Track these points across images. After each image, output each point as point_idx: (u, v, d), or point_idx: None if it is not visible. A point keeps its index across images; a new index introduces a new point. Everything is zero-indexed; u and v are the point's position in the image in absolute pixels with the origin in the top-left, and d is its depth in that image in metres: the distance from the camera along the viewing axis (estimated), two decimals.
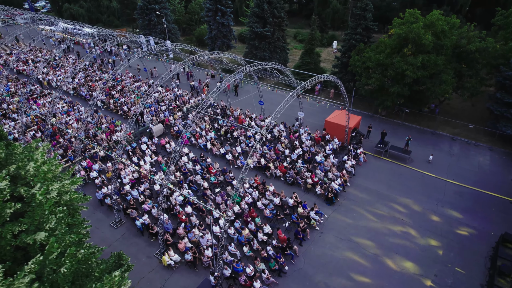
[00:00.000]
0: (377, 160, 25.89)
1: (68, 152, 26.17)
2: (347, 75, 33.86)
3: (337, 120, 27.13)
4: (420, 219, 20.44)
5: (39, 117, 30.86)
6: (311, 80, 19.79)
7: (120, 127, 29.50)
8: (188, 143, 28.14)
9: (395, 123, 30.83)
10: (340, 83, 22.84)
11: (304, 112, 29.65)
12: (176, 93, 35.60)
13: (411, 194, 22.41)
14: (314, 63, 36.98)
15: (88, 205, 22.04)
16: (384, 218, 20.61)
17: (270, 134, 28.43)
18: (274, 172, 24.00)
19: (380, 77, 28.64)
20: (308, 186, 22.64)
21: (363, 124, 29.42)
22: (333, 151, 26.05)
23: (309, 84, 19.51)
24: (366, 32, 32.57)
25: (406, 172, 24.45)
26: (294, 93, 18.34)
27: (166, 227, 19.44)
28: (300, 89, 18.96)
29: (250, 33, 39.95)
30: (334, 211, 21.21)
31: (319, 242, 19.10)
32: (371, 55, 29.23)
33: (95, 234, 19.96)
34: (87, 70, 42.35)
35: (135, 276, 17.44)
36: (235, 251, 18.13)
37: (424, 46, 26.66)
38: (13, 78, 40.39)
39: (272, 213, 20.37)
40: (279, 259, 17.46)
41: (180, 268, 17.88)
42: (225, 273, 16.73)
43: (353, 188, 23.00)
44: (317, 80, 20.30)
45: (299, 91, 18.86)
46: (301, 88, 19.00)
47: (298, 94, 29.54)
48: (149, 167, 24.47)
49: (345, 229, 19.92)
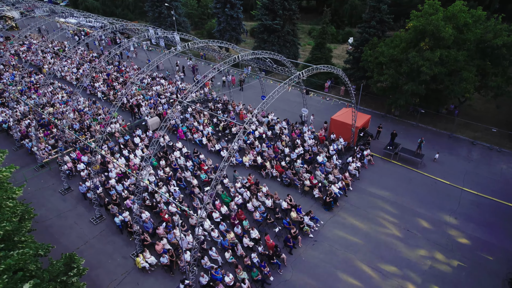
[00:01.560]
0: (385, 163, 23.61)
1: (59, 142, 25.20)
2: (358, 71, 31.56)
3: (343, 118, 24.99)
4: (429, 231, 18.14)
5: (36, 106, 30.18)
6: (307, 70, 17.84)
7: (116, 119, 28.40)
8: (184, 137, 26.69)
9: (409, 124, 28.33)
10: (344, 76, 20.80)
11: (309, 109, 27.66)
12: (179, 86, 34.30)
13: (421, 202, 20.09)
14: (325, 58, 34.81)
15: (70, 199, 21.00)
16: (388, 228, 18.42)
17: (271, 131, 26.62)
18: (270, 172, 22.17)
19: (393, 74, 26.27)
20: (306, 189, 20.69)
21: (372, 124, 27.11)
22: (337, 151, 23.97)
23: (305, 74, 17.56)
24: (381, 26, 30.15)
25: (416, 178, 22.09)
26: (285, 82, 16.46)
27: (145, 226, 18.00)
28: (294, 79, 17.06)
29: (259, 26, 38.18)
30: (332, 217, 19.18)
31: (312, 252, 17.14)
32: (384, 50, 26.91)
33: (73, 230, 18.77)
34: (93, 61, 41.74)
35: (106, 278, 16.09)
36: (216, 257, 16.45)
37: (443, 40, 24.14)
38: (20, 67, 40.20)
39: (263, 216, 18.57)
40: (264, 268, 15.64)
41: (155, 271, 16.37)
42: (201, 281, 15.08)
43: (356, 193, 20.88)
44: (314, 70, 18.32)
45: (292, 81, 16.97)
46: (295, 78, 17.09)
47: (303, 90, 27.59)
48: (139, 161, 23.13)
49: (343, 238, 17.87)
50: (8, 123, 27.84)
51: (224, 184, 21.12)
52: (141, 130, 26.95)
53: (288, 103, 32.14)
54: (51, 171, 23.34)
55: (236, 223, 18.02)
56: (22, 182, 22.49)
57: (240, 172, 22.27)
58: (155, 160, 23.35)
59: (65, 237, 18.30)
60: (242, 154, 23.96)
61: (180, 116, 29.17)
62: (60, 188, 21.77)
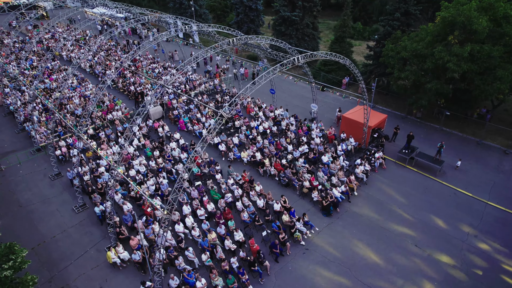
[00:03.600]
0: (399, 168, 21.12)
1: (58, 127, 24.75)
2: (379, 67, 28.97)
3: (355, 116, 22.72)
4: (442, 249, 15.65)
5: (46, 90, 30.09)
6: (305, 56, 15.87)
7: (119, 107, 27.65)
8: (184, 128, 25.44)
9: (431, 127, 25.47)
10: (354, 68, 18.62)
11: (323, 106, 25.57)
12: (189, 76, 33.16)
13: (436, 215, 17.55)
14: (346, 53, 32.36)
15: (58, 185, 20.26)
16: (393, 241, 16.11)
17: (276, 127, 24.78)
18: (268, 170, 20.36)
19: (416, 70, 23.64)
20: (305, 190, 18.72)
21: (389, 125, 24.56)
22: (345, 152, 21.77)
23: (301, 60, 15.59)
24: (406, 18, 27.41)
25: (433, 187, 19.49)
26: (276, 67, 14.66)
27: (124, 219, 16.80)
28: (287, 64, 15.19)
29: (277, 18, 36.34)
30: (329, 224, 17.11)
31: (301, 261, 15.20)
32: (407, 44, 24.27)
33: (54, 217, 17.92)
34: (110, 50, 41.61)
35: (75, 271, 15.01)
36: (193, 258, 14.92)
37: (475, 34, 21.28)
38: (40, 53, 40.79)
39: (251, 217, 16.83)
40: (242, 275, 13.91)
41: (127, 268, 15.10)
42: (170, 284, 13.59)
43: (361, 199, 18.65)
44: (313, 56, 16.31)
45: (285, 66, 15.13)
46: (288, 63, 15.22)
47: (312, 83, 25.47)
48: (132, 150, 22.08)
49: (338, 249, 15.77)
50: (15, 106, 27.80)
51: (216, 179, 19.56)
52: (141, 118, 25.89)
53: (301, 99, 30.13)
54: (46, 156, 22.79)
55: (221, 222, 16.40)
56: (16, 164, 22.12)
57: (237, 168, 20.65)
58: (150, 150, 22.22)
59: (43, 224, 17.47)
60: (242, 149, 22.29)
61: (184, 107, 27.96)
62: (50, 173, 21.11)
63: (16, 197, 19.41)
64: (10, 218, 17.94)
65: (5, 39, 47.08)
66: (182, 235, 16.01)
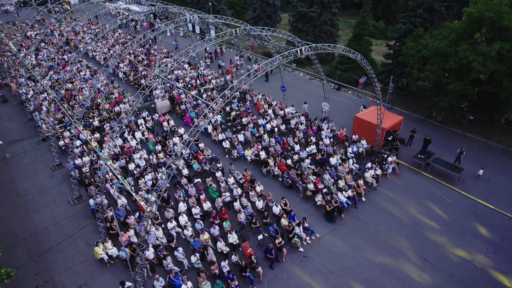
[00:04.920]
0: (413, 174, 19.59)
1: (65, 118, 24.63)
2: (398, 67, 27.30)
3: (368, 117, 21.33)
4: (453, 265, 14.17)
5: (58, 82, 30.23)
6: (308, 48, 14.74)
7: (127, 100, 27.33)
8: (190, 124, 24.78)
9: (452, 132, 23.66)
10: (366, 64, 17.34)
11: (338, 106, 24.30)
12: (201, 71, 32.54)
13: (450, 227, 16.01)
14: (364, 51, 30.82)
15: (58, 176, 20.01)
16: (400, 254, 14.75)
17: (285, 126, 23.70)
18: (272, 170, 19.33)
19: (437, 70, 21.95)
20: (308, 194, 17.58)
21: (406, 127, 22.98)
22: (356, 155, 20.44)
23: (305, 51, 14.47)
24: (429, 15, 25.64)
25: (450, 196, 17.89)
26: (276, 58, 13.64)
27: (117, 214, 16.20)
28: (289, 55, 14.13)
29: (294, 14, 35.18)
30: (332, 231, 15.91)
31: (298, 270, 14.10)
32: (428, 42, 22.61)
33: (49, 208, 17.60)
34: (126, 43, 41.66)
35: (62, 265, 14.53)
36: (182, 259, 14.11)
37: (505, 31, 19.53)
38: (59, 45, 41.32)
39: (248, 219, 15.86)
40: (231, 281, 12.98)
41: (115, 265, 14.47)
42: (155, 286, 12.83)
43: (369, 206, 17.31)
44: (318, 49, 15.14)
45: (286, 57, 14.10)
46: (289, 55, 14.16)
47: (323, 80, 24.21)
48: (135, 144, 21.57)
49: (339, 258, 14.57)
50: (27, 95, 28.02)
51: (216, 177, 18.72)
52: (148, 112, 25.47)
53: (314, 97, 28.86)
54: (50, 146, 22.66)
55: (216, 223, 15.53)
56: (21, 153, 22.09)
57: (240, 167, 19.73)
58: (152, 144, 21.66)
59: (38, 215, 17.16)
60: (247, 147, 21.36)
61: (193, 102, 27.33)
62: (52, 164, 20.91)
63: (16, 185, 19.27)
64: (7, 207, 17.76)
65: (29, 31, 48.14)
66: (174, 234, 15.26)
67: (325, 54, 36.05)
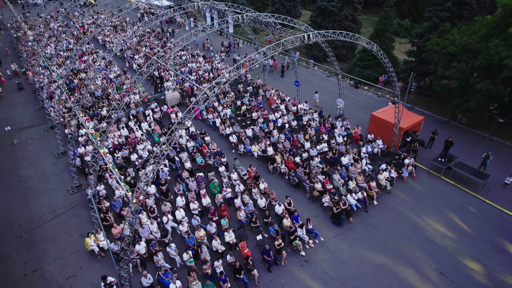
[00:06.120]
0: (432, 178, 18.02)
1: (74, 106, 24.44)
2: (421, 65, 25.56)
3: (386, 116, 19.90)
4: (473, 282, 12.67)
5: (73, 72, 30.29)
6: (317, 34, 13.57)
7: (138, 91, 26.92)
8: (199, 117, 24.07)
9: (479, 135, 21.81)
10: (381, 55, 16.00)
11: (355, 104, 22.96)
12: (215, 65, 31.83)
13: (471, 238, 14.46)
14: (385, 48, 29.19)
15: (61, 164, 19.74)
16: (412, 265, 13.37)
17: (297, 122, 22.58)
18: (278, 167, 18.27)
19: (464, 68, 20.23)
20: (315, 194, 16.41)
21: (427, 128, 21.33)
22: (370, 155, 19.08)
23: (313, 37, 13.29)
24: (458, 9, 23.81)
25: (472, 204, 16.26)
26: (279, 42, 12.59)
27: (113, 204, 15.60)
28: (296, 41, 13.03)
29: (313, 9, 33.91)
30: (338, 235, 14.69)
31: (297, 275, 13.00)
32: (456, 38, 20.89)
33: (48, 195, 17.25)
34: (144, 36, 41.63)
35: (53, 254, 14.05)
36: (174, 255, 13.31)
37: None
38: (79, 37, 41.78)
39: (248, 218, 14.89)
40: (223, 283, 12.05)
41: (106, 258, 13.84)
42: (142, 282, 12.07)
43: (381, 210, 15.96)
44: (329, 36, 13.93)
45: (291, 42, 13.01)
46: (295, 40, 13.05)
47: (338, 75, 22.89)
48: (140, 135, 21.03)
49: (344, 266, 13.36)
50: (41, 84, 28.15)
51: (219, 172, 17.84)
52: (156, 103, 24.93)
53: (330, 95, 27.48)
54: (57, 134, 22.47)
55: (214, 219, 14.66)
56: (28, 140, 22.02)
57: (245, 163, 18.78)
58: (158, 136, 21.06)
59: (36, 202, 16.83)
60: (254, 142, 20.38)
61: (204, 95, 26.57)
62: (57, 151, 20.67)
63: (19, 171, 19.09)
64: (7, 192, 17.55)
65: (51, 22, 49.07)
66: (169, 229, 14.49)
67: (344, 51, 34.62)
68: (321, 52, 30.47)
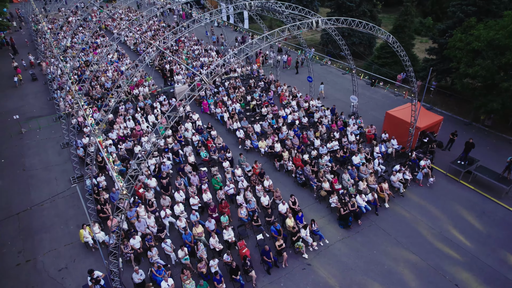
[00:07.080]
0: (450, 182, 16.78)
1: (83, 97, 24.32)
2: (442, 62, 24.13)
3: (402, 114, 18.75)
4: None
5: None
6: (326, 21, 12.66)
7: (148, 83, 26.61)
8: (207, 111, 23.49)
9: (504, 138, 20.32)
10: (397, 46, 14.95)
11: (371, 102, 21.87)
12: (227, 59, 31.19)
13: (492, 249, 13.23)
14: (405, 45, 27.77)
15: (66, 154, 19.57)
16: (424, 275, 12.30)
17: (308, 119, 21.68)
18: (285, 164, 17.45)
19: (489, 65, 18.81)
20: (323, 194, 15.50)
21: (446, 129, 20.01)
22: (384, 155, 18.00)
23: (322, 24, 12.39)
24: (486, 2, 22.31)
25: (494, 212, 14.97)
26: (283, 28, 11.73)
27: (112, 197, 15.17)
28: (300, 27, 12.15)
29: (330, 4, 32.84)
30: (344, 238, 13.75)
31: (297, 279, 12.16)
32: (481, 33, 19.49)
33: (49, 185, 17.04)
34: (158, 30, 41.51)
35: (48, 245, 13.73)
36: (169, 252, 12.70)
37: None
38: (94, 30, 42.02)
39: (249, 216, 14.13)
40: (218, 283, 11.34)
41: (99, 251, 13.35)
42: (133, 278, 11.50)
43: (392, 214, 14.91)
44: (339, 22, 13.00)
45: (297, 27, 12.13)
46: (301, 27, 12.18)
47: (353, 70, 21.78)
48: (145, 127, 20.62)
49: (348, 271, 12.42)
50: (53, 75, 28.23)
51: (223, 167, 17.16)
52: (165, 96, 24.50)
53: (345, 92, 26.37)
54: (65, 124, 22.37)
55: (214, 216, 13.99)
56: (36, 129, 21.97)
57: (251, 159, 18.03)
58: (164, 128, 20.54)
59: (37, 190, 16.63)
60: (262, 138, 19.61)
61: (214, 89, 26.03)
62: (62, 141, 20.51)
63: (24, 160, 18.98)
64: (10, 180, 17.43)
65: (70, 16, 49.67)
66: (167, 224, 13.91)
67: (362, 48, 33.36)
68: (337, 49, 29.40)
